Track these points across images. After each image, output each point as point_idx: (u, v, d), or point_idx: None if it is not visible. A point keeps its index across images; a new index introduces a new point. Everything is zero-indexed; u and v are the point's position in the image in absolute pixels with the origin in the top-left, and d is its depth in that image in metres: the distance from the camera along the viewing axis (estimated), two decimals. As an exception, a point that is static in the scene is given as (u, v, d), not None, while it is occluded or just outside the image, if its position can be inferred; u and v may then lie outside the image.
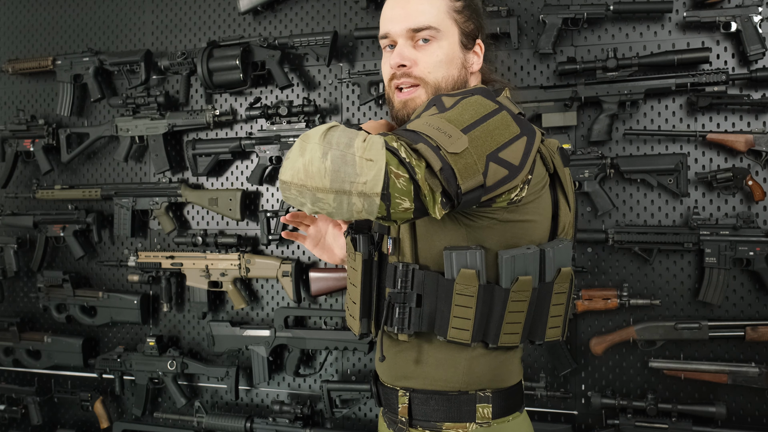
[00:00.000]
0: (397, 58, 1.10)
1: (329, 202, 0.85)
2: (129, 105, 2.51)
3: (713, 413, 1.95)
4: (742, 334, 1.95)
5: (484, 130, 0.93)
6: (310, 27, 2.43)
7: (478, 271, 1.02)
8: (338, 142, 0.84)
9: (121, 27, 2.68)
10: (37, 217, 2.66)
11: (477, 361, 1.10)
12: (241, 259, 2.40)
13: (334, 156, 0.83)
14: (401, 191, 0.84)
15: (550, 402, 2.17)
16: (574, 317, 2.13)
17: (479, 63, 1.17)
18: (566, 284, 1.10)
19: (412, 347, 1.13)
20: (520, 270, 1.03)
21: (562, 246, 1.08)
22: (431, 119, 0.92)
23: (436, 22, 1.09)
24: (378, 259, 1.13)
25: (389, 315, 1.09)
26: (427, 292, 1.06)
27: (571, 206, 1.13)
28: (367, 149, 0.84)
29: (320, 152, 0.84)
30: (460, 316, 1.04)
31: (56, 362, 2.67)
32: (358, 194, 0.83)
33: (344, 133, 0.85)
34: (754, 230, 1.94)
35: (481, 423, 1.09)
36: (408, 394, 1.13)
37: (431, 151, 0.86)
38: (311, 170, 0.84)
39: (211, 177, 2.54)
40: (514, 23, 2.13)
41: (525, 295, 1.05)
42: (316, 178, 0.83)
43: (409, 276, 1.07)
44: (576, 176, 2.06)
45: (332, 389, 2.30)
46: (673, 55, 1.99)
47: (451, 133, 0.89)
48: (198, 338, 2.58)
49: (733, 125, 2.02)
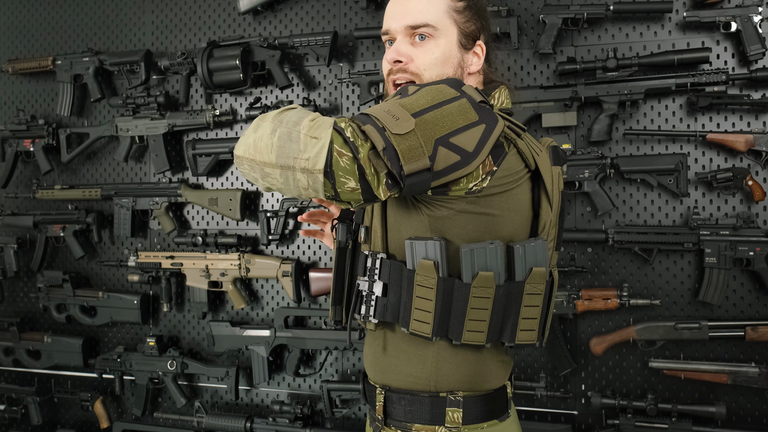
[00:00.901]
0: (393, 54, 1.12)
1: (276, 177, 0.90)
2: (129, 105, 2.51)
3: (713, 413, 1.95)
4: (742, 334, 1.95)
5: (437, 115, 0.93)
6: (310, 27, 2.43)
7: (436, 262, 1.01)
8: (288, 120, 0.89)
9: (121, 27, 2.68)
10: (37, 217, 2.66)
11: (444, 359, 1.09)
12: (241, 259, 2.40)
13: (281, 133, 0.88)
14: (345, 170, 0.87)
15: (550, 402, 2.17)
16: (574, 317, 2.13)
17: (479, 64, 1.16)
18: (541, 285, 1.07)
19: (379, 337, 1.14)
20: (481, 265, 1.01)
21: (536, 244, 1.05)
22: (386, 104, 0.94)
23: (435, 20, 1.10)
24: (352, 248, 1.16)
25: (357, 303, 1.11)
26: (392, 282, 1.07)
27: (554, 206, 1.11)
28: (314, 128, 0.88)
29: (270, 129, 0.89)
30: (420, 308, 1.04)
31: (56, 362, 2.67)
32: (301, 170, 0.87)
33: (297, 113, 0.90)
34: (754, 230, 1.94)
35: (450, 427, 1.08)
36: (384, 393, 1.13)
37: (376, 132, 0.89)
38: (260, 145, 0.89)
39: (211, 177, 2.54)
40: (514, 23, 2.13)
41: (488, 292, 1.02)
42: (264, 153, 0.89)
43: (376, 264, 1.08)
44: (576, 176, 2.06)
45: (332, 389, 2.30)
46: (673, 55, 1.99)
47: (399, 115, 0.91)
48: (198, 338, 2.58)
49: (733, 125, 2.02)
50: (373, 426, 1.18)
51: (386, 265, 1.07)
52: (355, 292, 1.11)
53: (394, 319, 1.08)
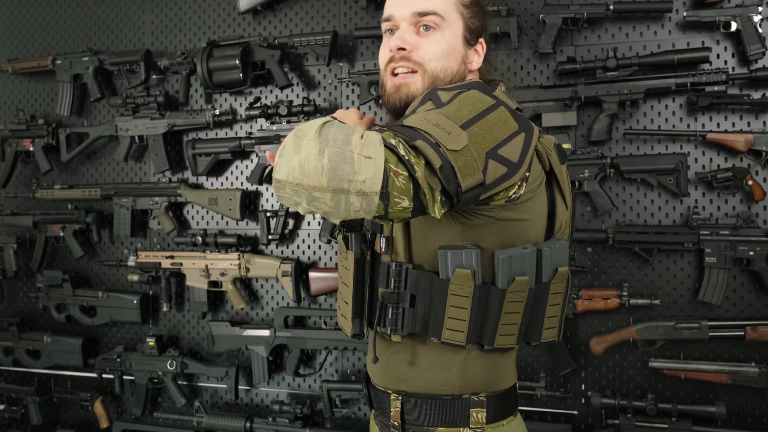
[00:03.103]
0: (397, 41, 1.08)
1: (326, 202, 0.81)
2: (129, 105, 2.51)
3: (713, 413, 1.95)
4: (742, 333, 1.95)
5: (483, 127, 0.91)
6: (309, 27, 2.43)
7: (473, 270, 1.00)
8: (335, 138, 0.80)
9: (121, 27, 2.68)
10: (37, 216, 2.66)
11: (471, 363, 1.08)
12: (240, 258, 2.39)
13: (332, 153, 0.79)
14: (400, 190, 0.81)
15: (550, 402, 2.17)
16: (574, 317, 2.13)
17: (479, 62, 1.15)
18: (563, 284, 1.09)
19: (406, 349, 1.10)
20: (517, 270, 1.01)
21: (559, 245, 1.06)
22: (428, 115, 0.90)
23: (443, 10, 1.08)
24: (371, 258, 1.11)
25: (382, 316, 1.06)
26: (420, 293, 1.04)
27: (568, 204, 1.12)
28: (365, 146, 0.80)
29: (317, 149, 0.79)
30: (454, 317, 1.02)
31: (56, 362, 2.67)
32: (356, 193, 0.80)
33: (341, 129, 0.81)
34: (754, 230, 1.94)
35: (474, 428, 1.07)
36: (400, 398, 1.10)
37: (430, 148, 0.84)
38: (307, 168, 0.79)
39: (211, 177, 2.54)
40: (514, 23, 2.13)
41: (522, 296, 1.03)
42: (313, 177, 0.79)
43: (402, 276, 1.05)
44: (576, 176, 2.06)
45: (332, 389, 2.30)
46: (673, 55, 1.99)
47: (450, 129, 0.87)
48: (198, 338, 2.58)
49: (733, 125, 2.02)
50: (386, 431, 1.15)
51: (413, 275, 1.04)
52: (379, 304, 1.07)
53: (423, 329, 1.06)
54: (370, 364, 1.18)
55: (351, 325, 1.13)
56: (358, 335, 1.14)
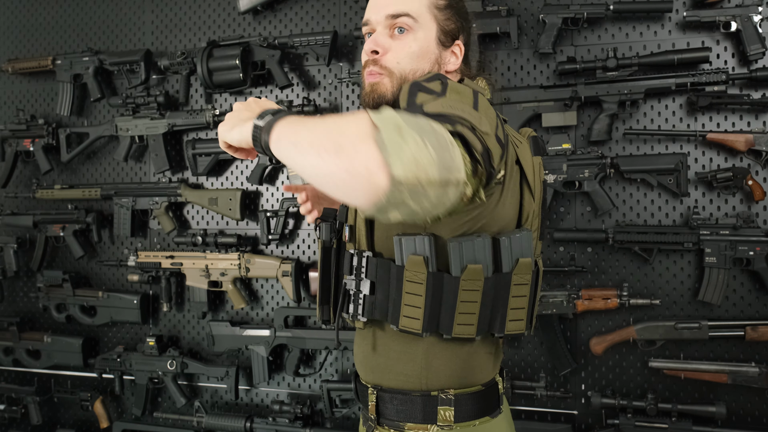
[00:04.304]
0: (371, 44, 1.11)
1: (431, 199, 0.70)
2: (129, 105, 2.51)
3: (713, 413, 1.95)
4: (742, 333, 1.95)
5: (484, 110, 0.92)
6: (309, 27, 2.43)
7: (426, 257, 1.01)
8: (421, 126, 0.70)
9: (121, 27, 2.68)
10: (37, 216, 2.66)
11: (434, 354, 1.09)
12: (240, 258, 2.39)
13: (433, 142, 0.68)
14: (469, 176, 0.77)
15: (550, 402, 2.17)
16: (574, 317, 2.13)
17: (456, 63, 1.16)
18: (527, 276, 1.07)
19: (369, 335, 1.14)
20: (470, 258, 1.01)
21: (521, 235, 1.05)
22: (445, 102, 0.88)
23: (416, 12, 1.10)
24: (337, 247, 1.15)
25: (345, 302, 1.10)
26: (379, 280, 1.06)
27: (536, 196, 1.11)
28: (445, 133, 0.72)
29: (419, 138, 0.67)
30: (410, 304, 1.04)
31: (56, 362, 2.67)
32: (455, 184, 0.71)
33: (414, 118, 0.72)
34: (754, 230, 1.94)
35: (442, 426, 1.08)
36: (376, 393, 1.13)
37: (471, 134, 0.80)
38: (423, 161, 0.67)
39: (211, 177, 2.54)
40: (514, 23, 2.13)
41: (477, 284, 1.03)
42: (429, 170, 0.67)
43: (363, 263, 1.07)
44: (576, 176, 2.06)
45: (332, 389, 2.30)
46: (673, 55, 1.99)
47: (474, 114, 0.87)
48: (198, 338, 2.58)
49: (733, 125, 2.02)
50: (366, 426, 1.18)
51: (373, 263, 1.07)
52: (342, 291, 1.10)
53: (383, 316, 1.08)
54: (356, 360, 1.21)
55: (320, 311, 1.18)
56: (326, 321, 1.18)
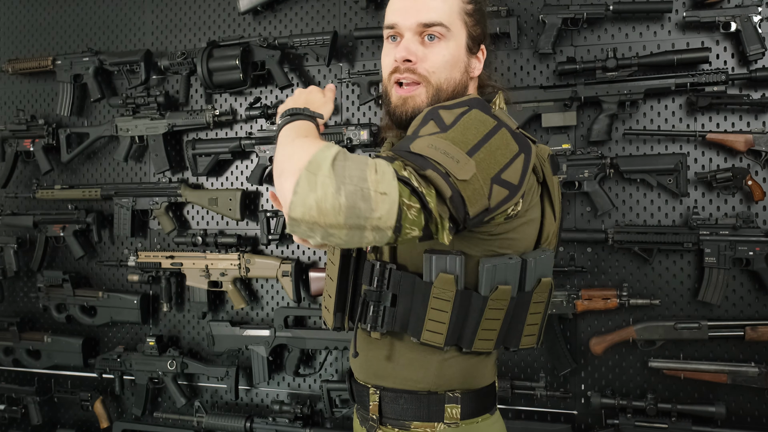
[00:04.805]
0: (403, 52, 1.06)
1: (341, 237, 0.81)
2: (129, 105, 2.51)
3: (713, 413, 1.95)
4: (742, 334, 1.95)
5: (488, 152, 0.92)
6: (309, 27, 2.43)
7: (456, 276, 1.01)
8: (350, 175, 0.79)
9: (121, 27, 2.68)
10: (37, 217, 2.66)
11: (449, 364, 1.09)
12: (240, 258, 2.40)
13: (348, 191, 0.78)
14: (412, 221, 0.83)
15: (550, 402, 2.17)
16: (574, 317, 2.13)
17: (480, 68, 1.15)
18: (545, 294, 1.10)
19: (385, 345, 1.12)
20: (501, 279, 1.02)
21: (545, 256, 1.07)
22: (435, 141, 0.90)
23: (448, 20, 1.07)
24: (356, 256, 1.13)
25: (363, 312, 1.08)
26: (402, 293, 1.06)
27: (557, 216, 1.12)
28: (380, 182, 0.80)
29: (333, 187, 0.78)
30: (435, 319, 1.04)
31: (56, 362, 2.67)
32: (372, 228, 0.80)
33: (355, 164, 0.81)
34: (753, 230, 1.94)
35: (449, 423, 1.09)
36: (379, 392, 1.13)
37: (441, 179, 0.85)
38: (325, 207, 0.78)
39: (211, 177, 2.54)
40: (514, 23, 2.13)
41: (503, 304, 1.04)
42: (330, 215, 0.78)
43: (385, 275, 1.06)
44: (576, 176, 2.06)
45: (332, 389, 2.30)
46: (673, 55, 1.99)
47: (458, 158, 0.88)
48: (198, 338, 2.58)
49: (732, 125, 2.02)
50: (366, 426, 1.17)
51: (396, 275, 1.05)
52: (361, 300, 1.08)
53: (403, 328, 1.07)
54: (352, 359, 1.20)
55: (333, 318, 1.17)
56: (338, 328, 1.18)
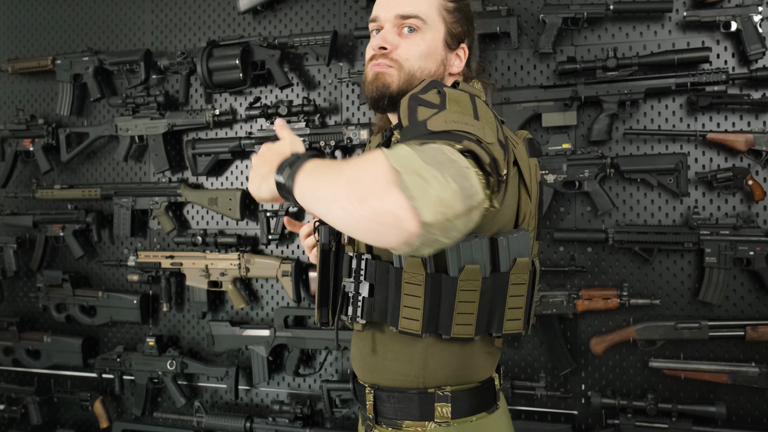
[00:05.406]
0: (379, 40, 1.12)
1: (460, 228, 0.70)
2: (129, 105, 2.51)
3: (713, 413, 1.95)
4: (742, 333, 1.95)
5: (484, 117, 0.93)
6: (309, 27, 2.43)
7: (424, 259, 1.01)
8: (439, 159, 0.71)
9: (121, 27, 2.68)
10: (37, 216, 2.66)
11: (432, 354, 1.09)
12: (240, 258, 2.39)
13: (452, 174, 0.69)
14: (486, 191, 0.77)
15: (550, 402, 2.17)
16: (574, 317, 2.13)
17: (460, 66, 1.18)
18: (524, 275, 1.07)
19: (368, 337, 1.14)
20: (467, 258, 1.02)
21: (518, 235, 1.05)
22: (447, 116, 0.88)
23: (425, 14, 1.12)
24: (336, 249, 1.15)
25: (344, 304, 1.10)
26: (378, 282, 1.07)
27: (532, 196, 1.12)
28: (460, 158, 0.73)
29: (440, 175, 0.68)
30: (409, 305, 1.04)
31: (56, 362, 2.67)
32: (477, 207, 0.71)
33: (431, 150, 0.73)
34: (754, 230, 1.94)
35: (439, 422, 1.09)
36: (373, 392, 1.13)
37: (477, 146, 0.82)
38: (446, 197, 0.67)
39: (211, 177, 2.54)
40: (514, 23, 2.13)
41: (474, 285, 1.03)
42: (455, 204, 0.68)
43: (361, 266, 1.07)
44: (576, 176, 2.06)
45: (332, 389, 2.30)
46: (673, 55, 1.99)
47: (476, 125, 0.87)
48: (198, 338, 2.58)
49: (733, 125, 2.02)
50: (365, 425, 1.18)
51: (372, 265, 1.07)
52: (341, 293, 1.11)
53: (382, 318, 1.08)
54: (352, 360, 1.21)
55: (318, 313, 1.18)
56: (325, 323, 1.18)
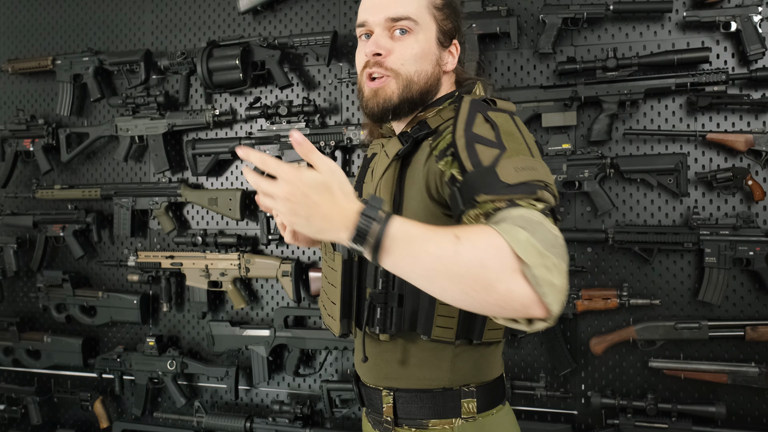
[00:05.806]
0: (372, 47, 1.09)
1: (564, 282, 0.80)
2: (129, 105, 2.51)
3: (713, 413, 1.95)
4: (742, 333, 1.95)
5: (533, 144, 0.97)
6: (309, 27, 2.43)
7: None
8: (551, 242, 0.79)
9: (121, 27, 2.68)
10: (37, 216, 2.66)
11: (460, 357, 1.09)
12: (240, 258, 2.39)
13: (560, 253, 0.79)
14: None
15: (550, 402, 2.17)
16: (574, 317, 2.13)
17: (453, 63, 1.16)
18: None
19: (395, 347, 1.11)
20: None
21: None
22: (513, 162, 0.90)
23: (416, 14, 1.09)
24: (358, 260, 1.11)
25: (371, 316, 1.07)
26: (408, 292, 1.05)
27: None
28: (549, 225, 0.81)
29: (557, 259, 0.78)
30: (444, 314, 1.03)
31: (56, 362, 2.67)
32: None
33: (539, 228, 0.80)
34: (754, 230, 1.94)
35: (466, 418, 1.09)
36: (392, 394, 1.12)
37: (547, 194, 0.88)
38: (565, 284, 0.78)
39: (211, 177, 2.54)
40: (514, 23, 2.13)
41: None
42: (566, 281, 0.79)
43: (390, 276, 1.04)
44: (576, 176, 2.06)
45: (332, 389, 2.30)
46: (673, 55, 1.99)
47: (536, 166, 0.91)
48: (198, 338, 2.58)
49: (732, 125, 2.02)
50: (379, 428, 1.16)
51: None
52: (367, 304, 1.07)
53: (412, 327, 1.07)
54: (358, 363, 1.19)
55: (339, 325, 1.14)
56: (345, 335, 1.16)
